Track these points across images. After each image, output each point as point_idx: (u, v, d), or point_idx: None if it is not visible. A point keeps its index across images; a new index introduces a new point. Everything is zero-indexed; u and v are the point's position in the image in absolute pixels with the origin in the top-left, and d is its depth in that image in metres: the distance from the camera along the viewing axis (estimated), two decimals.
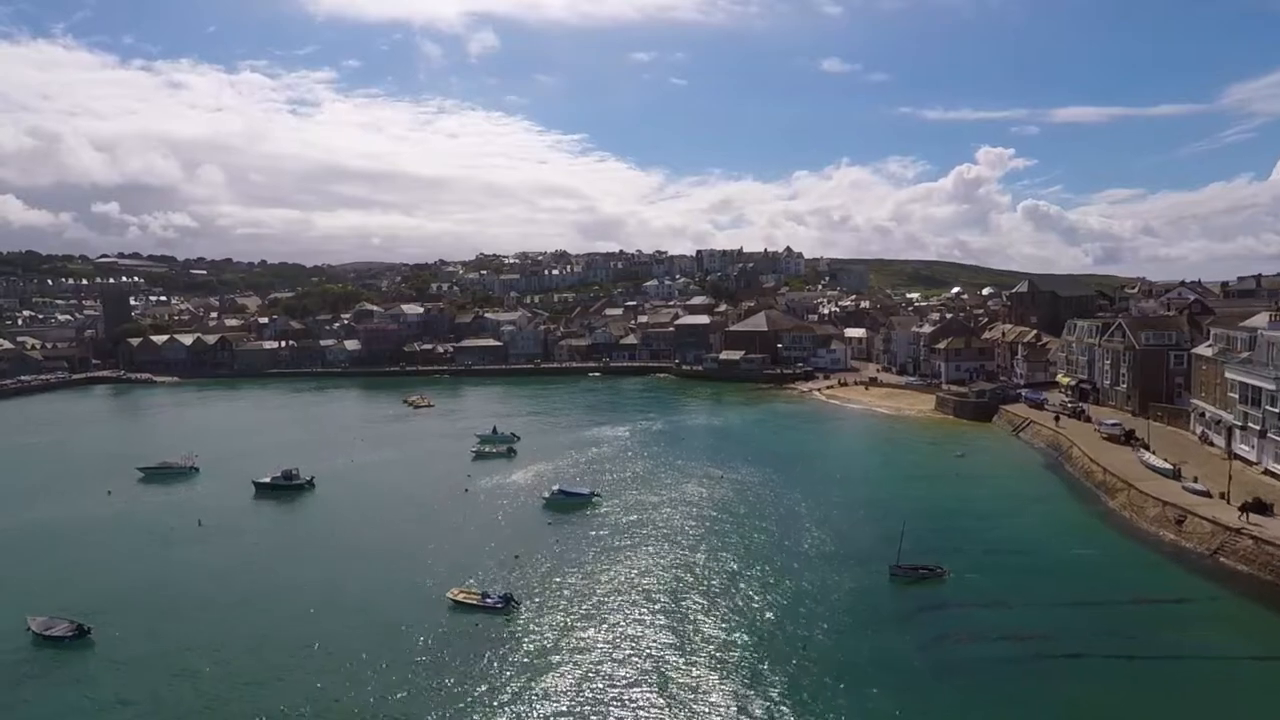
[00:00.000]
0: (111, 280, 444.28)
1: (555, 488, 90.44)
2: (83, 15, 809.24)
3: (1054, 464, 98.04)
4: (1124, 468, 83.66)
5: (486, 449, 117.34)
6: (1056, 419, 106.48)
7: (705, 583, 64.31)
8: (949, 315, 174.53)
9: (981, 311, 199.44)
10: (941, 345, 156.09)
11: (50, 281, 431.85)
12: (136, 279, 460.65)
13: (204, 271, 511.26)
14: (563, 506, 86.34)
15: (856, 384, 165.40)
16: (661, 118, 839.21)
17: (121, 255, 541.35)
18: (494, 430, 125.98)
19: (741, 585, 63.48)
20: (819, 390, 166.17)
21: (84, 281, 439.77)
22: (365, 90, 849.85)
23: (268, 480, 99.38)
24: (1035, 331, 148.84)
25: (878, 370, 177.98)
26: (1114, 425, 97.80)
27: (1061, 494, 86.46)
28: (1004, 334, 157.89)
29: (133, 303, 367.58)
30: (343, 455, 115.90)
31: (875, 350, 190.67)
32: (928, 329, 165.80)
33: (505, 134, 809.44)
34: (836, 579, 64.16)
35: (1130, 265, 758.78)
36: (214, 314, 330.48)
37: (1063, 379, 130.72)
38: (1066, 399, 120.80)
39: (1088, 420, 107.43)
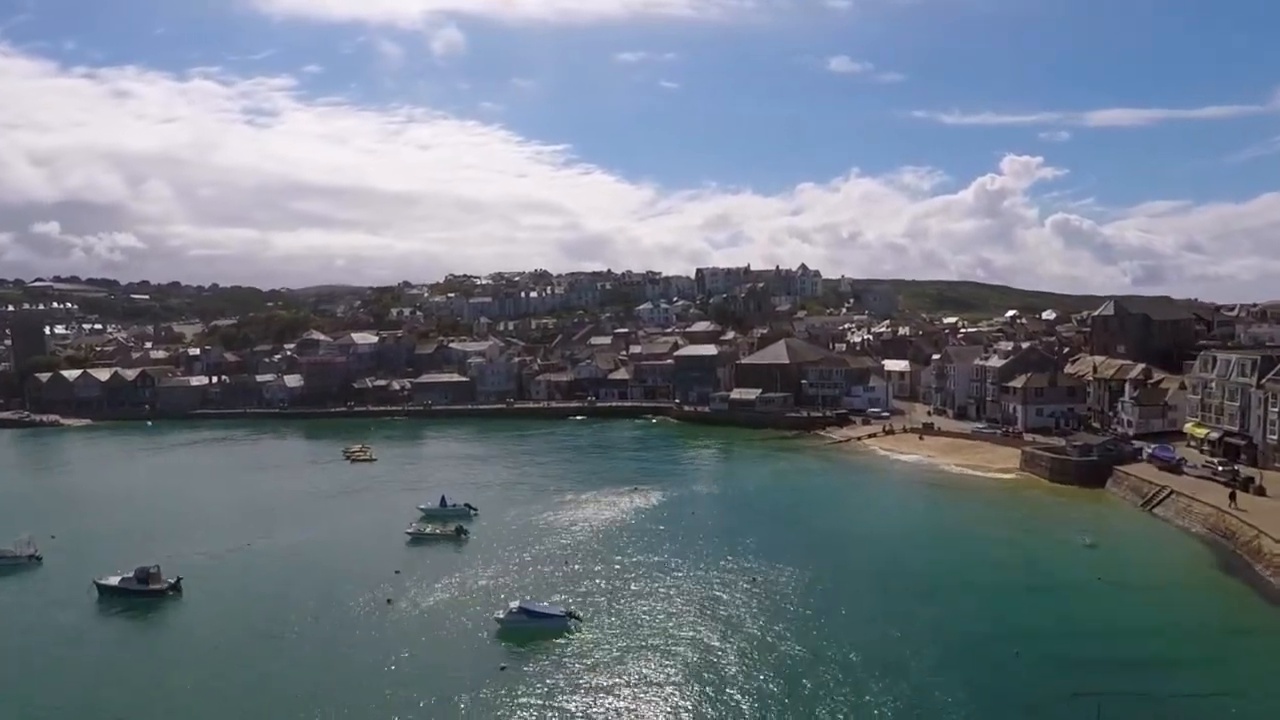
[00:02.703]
0: (42, 306, 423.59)
1: (515, 605, 66.06)
2: (21, 19, 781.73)
3: (1230, 561, 73.32)
4: None
5: (429, 529, 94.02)
6: (1232, 496, 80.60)
7: None
8: (1024, 344, 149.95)
9: (1054, 339, 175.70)
10: (1018, 383, 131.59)
11: None
12: (70, 305, 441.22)
13: (146, 297, 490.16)
14: (524, 636, 62.45)
15: (907, 431, 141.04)
16: (651, 125, 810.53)
17: (58, 279, 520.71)
18: (442, 501, 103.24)
19: None
20: (860, 440, 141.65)
21: (10, 308, 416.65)
22: (327, 98, 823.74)
23: (116, 582, 76.55)
24: (1144, 366, 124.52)
25: (930, 413, 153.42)
26: None
27: (1276, 622, 61.12)
28: (1095, 368, 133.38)
29: (62, 331, 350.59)
30: (241, 535, 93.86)
31: (923, 387, 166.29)
32: (996, 361, 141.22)
33: (481, 145, 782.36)
34: None
35: (1174, 285, 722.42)
36: (148, 344, 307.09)
37: (1194, 429, 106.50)
38: (1215, 461, 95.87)
39: (1260, 492, 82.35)
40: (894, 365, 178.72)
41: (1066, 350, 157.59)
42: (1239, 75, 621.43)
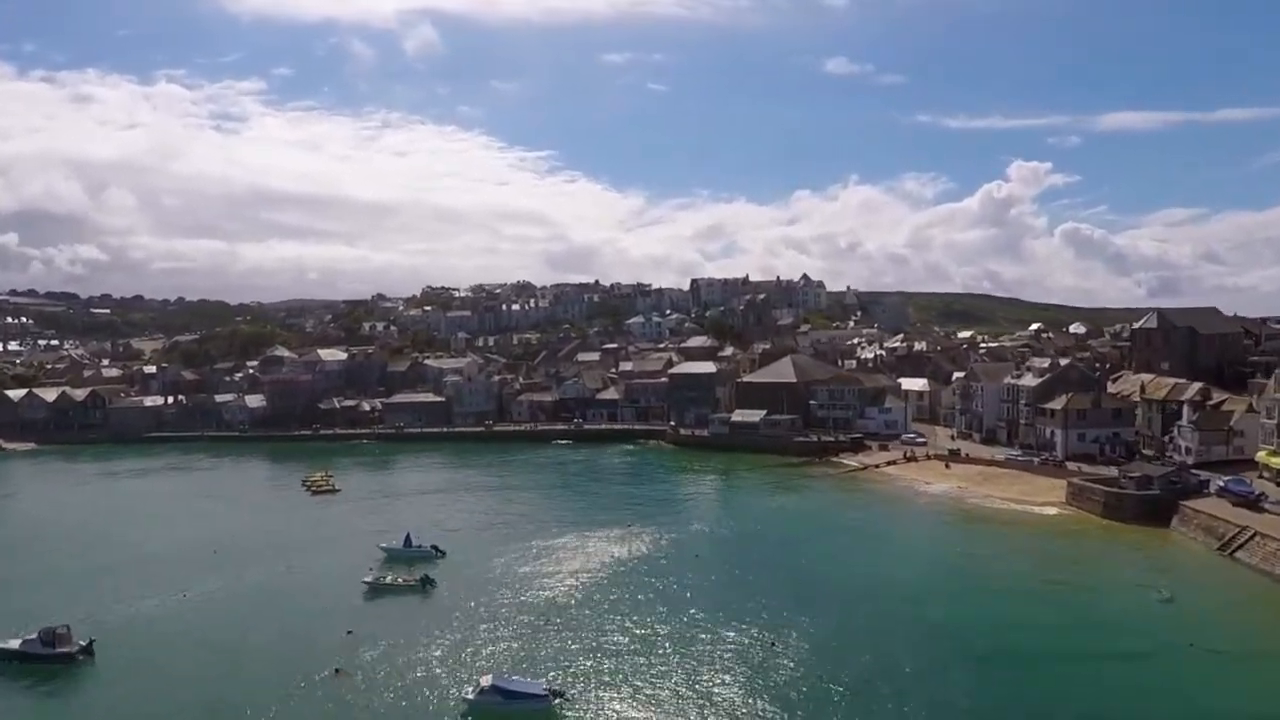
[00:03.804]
0: None
1: (487, 681, 57.13)
2: None
3: None
4: None
5: (389, 578, 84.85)
6: None
7: None
8: (1061, 360, 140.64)
9: (1088, 355, 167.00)
10: (1057, 404, 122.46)
11: None
12: (25, 320, 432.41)
13: (107, 311, 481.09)
14: None
15: (931, 457, 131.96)
16: (639, 130, 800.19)
17: (15, 292, 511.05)
18: (406, 540, 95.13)
19: None
20: (879, 467, 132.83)
21: None
22: (299, 102, 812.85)
23: (16, 645, 68.81)
24: (1201, 385, 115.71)
25: (953, 437, 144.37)
26: None
27: None
28: (1143, 388, 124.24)
29: (16, 348, 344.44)
30: (176, 581, 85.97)
31: (944, 408, 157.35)
32: (1030, 380, 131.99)
33: (460, 151, 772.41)
34: None
35: (1191, 298, 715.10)
36: (104, 361, 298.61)
37: (1268, 458, 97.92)
38: None
39: None
40: (911, 384, 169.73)
41: (1108, 367, 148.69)
42: (1257, 76, 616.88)
